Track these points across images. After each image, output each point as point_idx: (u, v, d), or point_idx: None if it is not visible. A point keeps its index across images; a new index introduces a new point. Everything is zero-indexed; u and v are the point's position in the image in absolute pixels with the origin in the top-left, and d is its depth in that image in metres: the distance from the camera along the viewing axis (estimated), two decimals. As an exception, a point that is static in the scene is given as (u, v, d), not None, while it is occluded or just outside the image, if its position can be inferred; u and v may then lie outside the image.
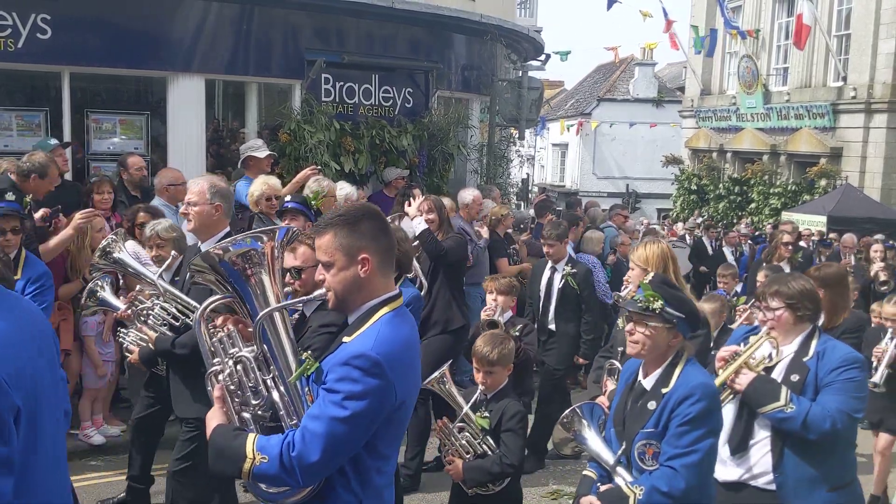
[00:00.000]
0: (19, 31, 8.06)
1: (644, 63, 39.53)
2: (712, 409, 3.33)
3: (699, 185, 26.59)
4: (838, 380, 3.66)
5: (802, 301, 3.77)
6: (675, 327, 3.39)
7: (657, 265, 4.47)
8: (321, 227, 2.75)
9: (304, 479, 2.56)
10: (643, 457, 3.39)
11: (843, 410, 3.61)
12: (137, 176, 7.63)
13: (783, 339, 3.82)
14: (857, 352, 3.82)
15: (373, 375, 2.53)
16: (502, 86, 13.01)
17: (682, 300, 3.46)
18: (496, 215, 9.32)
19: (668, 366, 3.43)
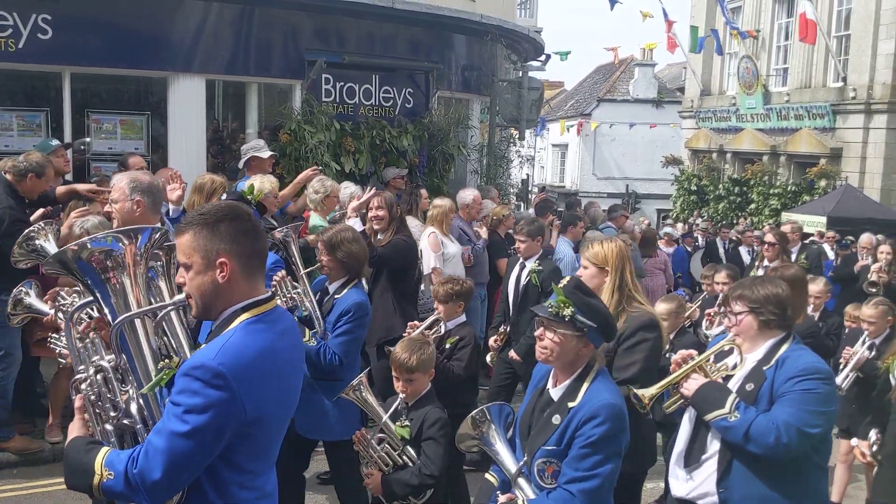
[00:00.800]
0: (20, 31, 8.07)
1: (644, 63, 39.54)
2: (616, 432, 3.18)
3: (699, 186, 26.59)
4: (793, 390, 3.37)
5: (766, 306, 3.52)
6: (586, 336, 3.25)
7: (616, 264, 4.29)
8: (182, 226, 2.56)
9: (151, 497, 2.39)
10: (542, 474, 3.27)
11: (791, 424, 3.29)
12: (138, 176, 7.62)
13: (749, 345, 3.58)
14: (823, 363, 3.52)
15: (214, 387, 2.34)
16: (502, 86, 13.03)
17: (596, 309, 3.32)
18: (497, 216, 9.32)
19: (576, 378, 3.30)
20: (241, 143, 9.64)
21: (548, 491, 3.23)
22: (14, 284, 4.48)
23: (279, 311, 2.64)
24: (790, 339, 3.56)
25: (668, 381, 3.56)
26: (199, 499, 2.48)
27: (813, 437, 3.34)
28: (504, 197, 12.94)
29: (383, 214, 6.56)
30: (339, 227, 5.31)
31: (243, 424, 2.42)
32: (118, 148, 8.95)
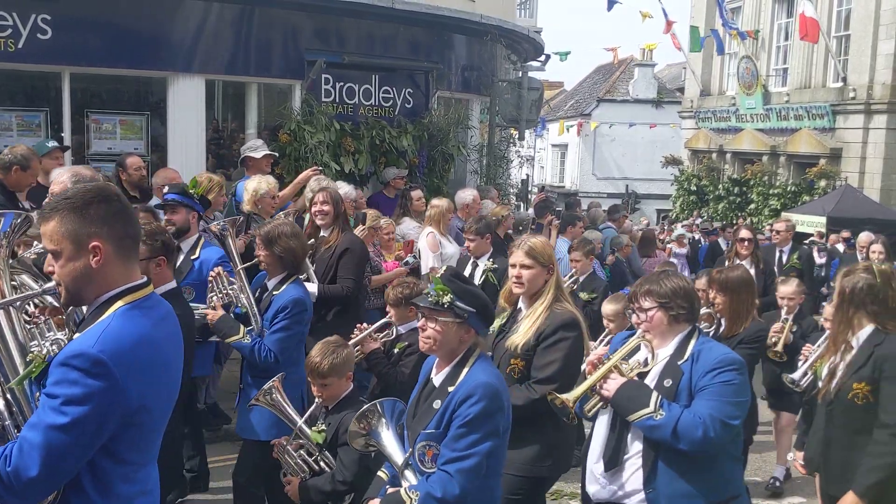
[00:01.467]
0: (19, 31, 8.06)
1: (643, 64, 39.57)
2: (493, 411, 3.19)
3: (699, 186, 26.60)
4: (712, 384, 3.36)
5: (675, 300, 3.49)
6: (467, 322, 3.28)
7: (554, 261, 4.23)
8: (45, 212, 2.41)
9: (27, 496, 2.26)
10: (423, 458, 3.28)
11: (716, 417, 3.29)
12: (136, 176, 7.62)
13: (659, 341, 3.55)
14: (734, 353, 3.55)
15: (95, 376, 2.23)
16: (502, 86, 13.02)
17: (474, 294, 3.34)
18: (496, 216, 9.31)
19: (457, 363, 3.33)
20: (240, 144, 9.64)
21: (427, 475, 3.23)
22: None
23: (155, 297, 2.54)
24: (697, 332, 3.57)
25: (589, 383, 3.51)
26: (78, 497, 2.35)
27: (734, 428, 3.36)
28: (504, 197, 12.93)
29: (328, 209, 6.20)
30: (277, 222, 5.17)
31: (126, 414, 2.32)
32: (118, 148, 8.93)
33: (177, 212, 5.87)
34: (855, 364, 3.95)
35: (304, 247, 5.07)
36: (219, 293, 5.11)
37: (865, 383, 3.88)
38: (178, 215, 5.84)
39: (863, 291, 3.98)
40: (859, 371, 3.92)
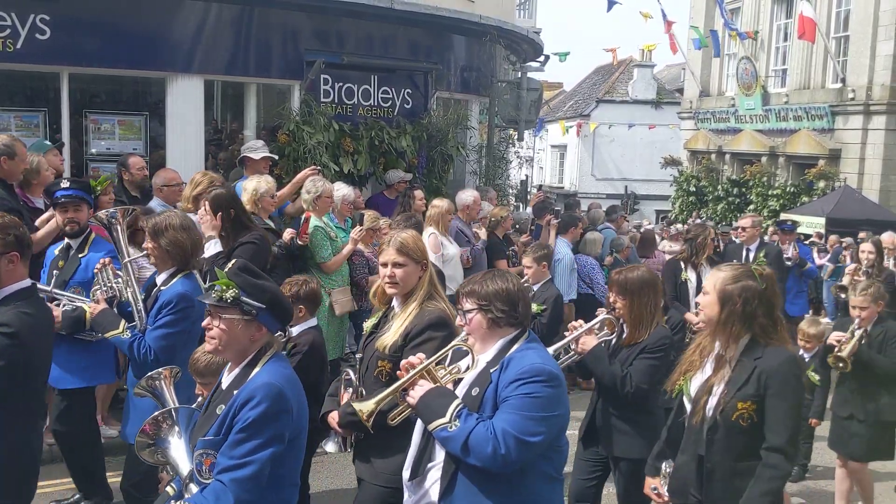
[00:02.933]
0: (18, 31, 8.06)
1: (643, 64, 39.58)
2: (275, 414, 2.94)
3: (698, 187, 26.60)
4: (514, 395, 3.08)
5: (495, 302, 3.22)
6: (256, 319, 3.04)
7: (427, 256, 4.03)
8: None
9: None
10: (201, 468, 3.02)
11: (509, 432, 3.01)
12: (139, 176, 7.63)
13: (481, 346, 3.29)
14: (545, 363, 3.18)
15: None
16: (501, 87, 13.02)
17: (263, 288, 3.09)
18: (496, 217, 9.32)
19: (247, 364, 3.10)
20: (239, 144, 9.63)
21: (203, 486, 2.97)
22: None
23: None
24: (523, 338, 3.29)
25: (392, 389, 3.30)
26: None
27: (534, 446, 3.06)
28: (503, 198, 12.93)
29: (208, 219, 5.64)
30: (166, 213, 4.91)
31: None
32: (116, 148, 8.93)
33: (80, 209, 5.57)
34: (736, 381, 3.52)
35: (194, 240, 4.73)
36: (102, 286, 4.94)
37: (750, 402, 3.48)
38: (81, 213, 5.57)
39: (755, 300, 3.54)
40: (742, 389, 3.50)
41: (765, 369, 3.47)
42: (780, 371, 3.47)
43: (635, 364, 4.63)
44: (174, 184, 7.22)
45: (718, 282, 3.59)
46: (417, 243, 3.98)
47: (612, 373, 4.61)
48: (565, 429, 3.29)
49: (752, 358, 3.51)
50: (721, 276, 3.60)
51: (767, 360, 3.49)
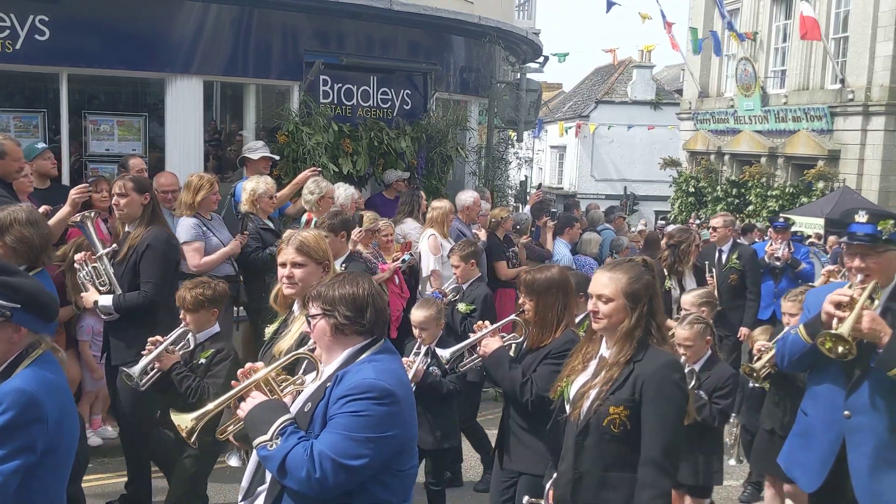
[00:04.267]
0: (17, 32, 8.05)
1: (642, 65, 39.61)
2: (23, 423, 2.66)
3: (697, 188, 26.60)
4: (339, 413, 2.81)
5: (338, 307, 2.96)
6: (11, 319, 2.79)
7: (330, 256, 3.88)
8: None
9: None
10: None
11: (326, 454, 2.74)
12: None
13: (326, 355, 3.04)
14: (378, 378, 2.86)
15: None
16: (501, 88, 13.01)
17: (16, 287, 2.81)
18: (496, 218, 9.31)
19: (6, 368, 2.81)
20: (238, 145, 9.63)
21: None
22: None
23: None
24: (372, 349, 3.00)
25: (220, 401, 3.06)
26: None
27: (356, 471, 2.77)
28: (502, 199, 12.92)
29: (124, 202, 5.50)
30: (12, 207, 4.65)
31: None
32: (115, 149, 8.93)
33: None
34: (612, 384, 3.25)
35: (43, 236, 4.47)
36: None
37: (623, 407, 3.20)
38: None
39: (656, 296, 3.33)
40: (617, 392, 3.22)
41: (641, 373, 3.22)
42: (656, 376, 3.20)
43: (539, 370, 4.27)
44: (171, 190, 7.19)
45: (622, 284, 3.30)
46: (319, 243, 3.85)
47: (513, 378, 4.21)
48: (407, 451, 2.98)
49: (633, 360, 3.26)
50: (624, 278, 3.32)
51: (646, 364, 3.24)
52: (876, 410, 3.80)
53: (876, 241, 3.78)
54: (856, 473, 3.83)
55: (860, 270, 3.82)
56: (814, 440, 4.05)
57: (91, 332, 6.68)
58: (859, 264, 3.82)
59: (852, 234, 3.87)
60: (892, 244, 3.81)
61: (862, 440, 3.83)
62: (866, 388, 3.82)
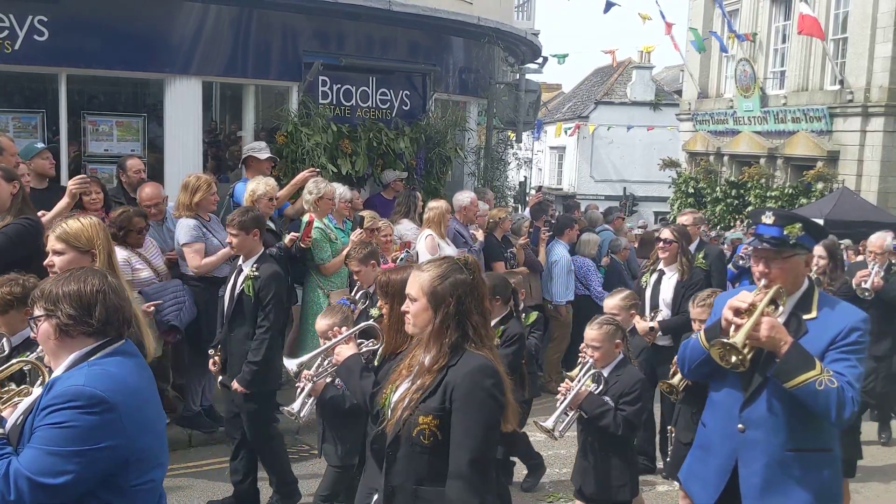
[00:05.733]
0: (16, 32, 8.06)
1: (641, 66, 39.63)
2: None
3: (696, 189, 26.61)
4: (41, 425, 2.55)
5: (61, 306, 2.67)
6: None
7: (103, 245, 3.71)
8: None
9: None
10: None
11: (21, 472, 2.50)
12: (136, 178, 7.61)
13: (54, 360, 2.75)
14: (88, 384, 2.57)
15: None
16: (500, 88, 13.02)
17: None
18: (494, 218, 9.32)
19: None
20: (238, 146, 9.63)
21: None
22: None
23: None
24: (103, 351, 2.73)
25: None
26: None
27: (58, 489, 2.48)
28: (501, 200, 12.92)
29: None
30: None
31: None
32: (114, 150, 8.93)
33: None
34: (423, 391, 3.01)
35: None
36: None
37: (432, 416, 2.95)
38: None
39: (468, 296, 3.05)
40: (428, 401, 2.97)
41: (452, 379, 2.95)
42: (465, 382, 2.93)
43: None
44: (148, 204, 7.10)
45: (425, 283, 3.05)
46: (83, 231, 3.64)
47: (363, 388, 3.72)
48: (137, 463, 2.66)
49: (447, 366, 3.00)
50: (426, 276, 3.07)
51: (458, 369, 2.97)
52: (771, 425, 3.50)
53: (782, 244, 3.50)
54: (746, 492, 3.55)
55: (763, 275, 3.54)
56: (711, 453, 3.74)
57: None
58: (763, 269, 3.53)
59: (759, 237, 3.59)
60: (800, 248, 3.53)
61: (754, 456, 3.53)
62: (763, 400, 3.53)
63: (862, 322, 3.47)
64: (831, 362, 3.38)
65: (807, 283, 3.62)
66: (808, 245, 3.56)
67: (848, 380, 3.33)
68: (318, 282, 7.56)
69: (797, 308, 3.56)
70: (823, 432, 3.51)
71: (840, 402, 3.29)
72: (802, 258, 3.56)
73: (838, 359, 3.39)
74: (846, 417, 3.32)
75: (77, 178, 6.20)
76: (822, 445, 3.54)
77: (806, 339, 3.45)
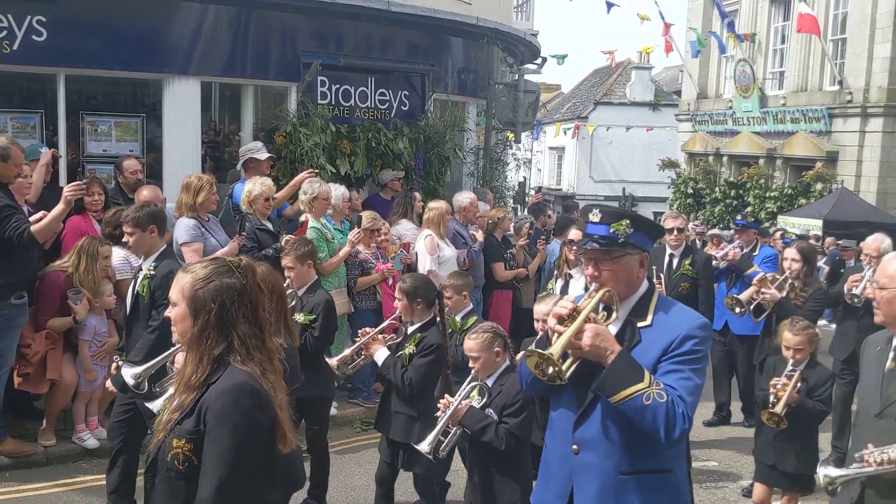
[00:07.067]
0: (15, 32, 8.05)
1: (641, 67, 39.64)
2: None
3: (695, 189, 26.62)
4: None
5: None
6: None
7: None
8: None
9: None
10: None
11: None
12: (132, 179, 7.61)
13: None
14: None
15: None
16: (499, 89, 13.02)
17: None
18: (493, 219, 9.31)
19: None
20: (236, 146, 9.62)
21: None
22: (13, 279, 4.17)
23: None
24: None
25: None
26: None
27: None
28: (501, 200, 12.93)
29: None
30: None
31: None
32: (113, 150, 8.93)
33: None
34: (182, 411, 2.74)
35: None
36: None
37: (186, 440, 2.67)
38: None
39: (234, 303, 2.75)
40: (183, 422, 2.70)
41: (208, 398, 2.67)
42: (218, 401, 2.64)
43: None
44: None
45: (186, 286, 2.76)
46: None
47: None
48: None
49: (208, 382, 2.72)
50: (188, 279, 2.78)
51: (217, 386, 2.69)
52: (604, 446, 3.15)
53: (611, 243, 3.17)
54: None
55: (593, 279, 3.20)
56: (551, 477, 3.38)
57: (94, 333, 6.68)
58: (591, 272, 3.20)
59: (588, 236, 3.25)
60: (631, 248, 3.19)
61: (589, 480, 3.17)
62: (596, 418, 3.17)
63: (698, 329, 3.12)
64: (663, 374, 3.05)
65: (644, 286, 3.26)
66: (641, 244, 3.22)
67: (679, 393, 2.99)
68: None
69: (632, 314, 3.21)
70: (661, 452, 3.13)
71: (669, 418, 2.94)
72: (635, 258, 3.21)
73: (670, 370, 3.05)
74: (676, 436, 2.97)
75: (72, 184, 6.19)
76: (660, 466, 3.17)
77: (638, 349, 3.12)
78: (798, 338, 5.21)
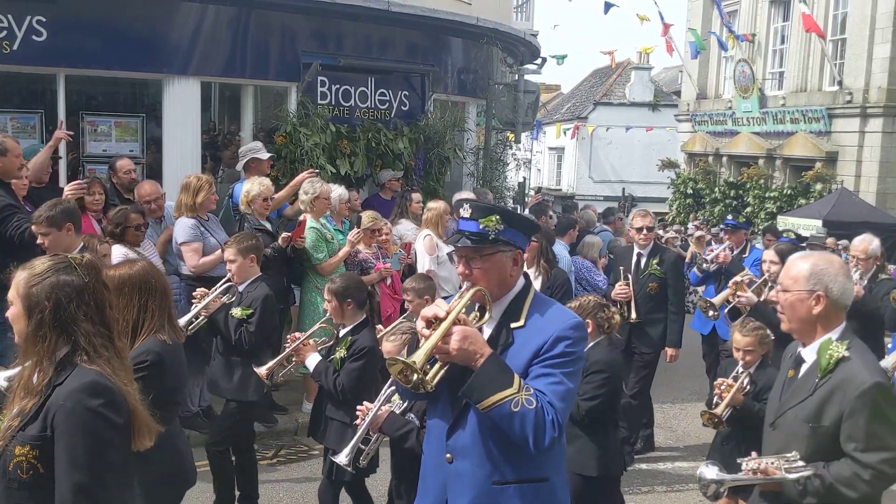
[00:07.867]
0: (15, 33, 8.05)
1: (640, 67, 39.65)
2: None
3: (695, 189, 26.63)
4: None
5: None
6: None
7: None
8: None
9: None
10: None
11: None
12: (126, 179, 7.61)
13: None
14: None
15: None
16: (498, 89, 13.02)
17: None
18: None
19: None
20: (236, 146, 9.62)
21: None
22: None
23: None
24: None
25: None
26: None
27: None
28: (501, 200, 12.93)
29: None
30: None
31: None
32: (113, 150, 8.92)
33: None
34: (23, 417, 2.57)
35: None
36: None
37: (30, 447, 2.52)
38: None
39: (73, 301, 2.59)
40: (27, 428, 2.54)
41: (54, 401, 2.52)
42: (66, 404, 2.50)
43: None
44: (148, 200, 7.17)
45: (20, 283, 2.60)
46: None
47: None
48: None
49: (53, 384, 2.56)
50: (23, 276, 2.62)
51: (63, 388, 2.53)
52: (476, 454, 3.01)
53: (482, 240, 2.99)
54: None
55: (465, 277, 3.04)
56: (427, 487, 3.23)
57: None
58: (463, 270, 3.04)
59: (460, 233, 3.07)
60: (503, 245, 3.01)
61: (462, 490, 3.03)
62: (468, 426, 3.02)
63: (571, 329, 2.96)
64: (534, 378, 2.90)
65: (520, 285, 3.09)
66: (514, 240, 3.05)
67: (549, 399, 2.84)
68: (316, 283, 7.55)
69: (506, 315, 3.06)
70: (536, 460, 2.99)
71: (538, 425, 2.80)
72: (508, 256, 3.04)
73: (542, 374, 2.90)
74: (545, 444, 2.83)
75: (73, 183, 6.20)
76: (535, 475, 3.03)
77: (510, 352, 2.98)
78: (747, 339, 5.04)
